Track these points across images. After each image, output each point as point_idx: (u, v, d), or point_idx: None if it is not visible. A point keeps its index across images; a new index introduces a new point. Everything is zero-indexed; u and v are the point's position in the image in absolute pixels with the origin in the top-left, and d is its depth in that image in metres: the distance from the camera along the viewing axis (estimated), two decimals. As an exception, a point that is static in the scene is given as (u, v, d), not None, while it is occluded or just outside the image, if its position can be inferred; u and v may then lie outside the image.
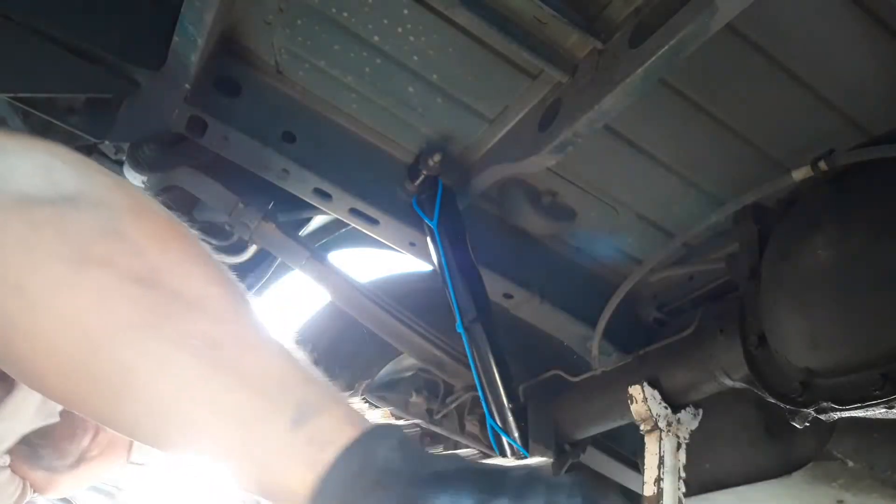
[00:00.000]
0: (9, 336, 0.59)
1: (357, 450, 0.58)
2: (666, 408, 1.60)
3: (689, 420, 1.61)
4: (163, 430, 0.61)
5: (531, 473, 0.58)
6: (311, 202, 1.71)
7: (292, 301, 2.57)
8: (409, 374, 2.28)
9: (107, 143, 1.70)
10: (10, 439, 1.12)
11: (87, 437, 1.24)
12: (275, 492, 0.60)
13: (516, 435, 1.69)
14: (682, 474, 1.55)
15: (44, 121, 1.63)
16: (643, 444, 1.59)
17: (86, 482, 1.29)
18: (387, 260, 2.37)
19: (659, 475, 1.54)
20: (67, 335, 0.58)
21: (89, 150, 1.87)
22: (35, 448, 1.19)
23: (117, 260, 0.59)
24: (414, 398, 2.23)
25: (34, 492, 1.25)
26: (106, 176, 0.66)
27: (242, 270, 2.11)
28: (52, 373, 0.60)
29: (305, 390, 0.61)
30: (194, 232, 0.68)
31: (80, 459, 1.24)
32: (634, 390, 1.61)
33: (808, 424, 1.36)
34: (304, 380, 0.63)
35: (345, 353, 2.21)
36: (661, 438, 1.57)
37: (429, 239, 1.71)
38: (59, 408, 1.15)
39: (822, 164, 1.40)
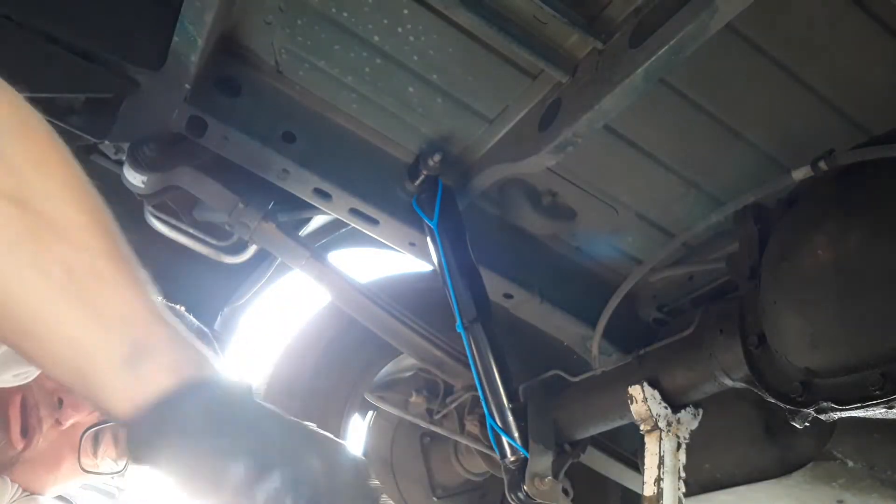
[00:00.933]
0: None
1: (167, 407, 0.65)
2: (666, 408, 1.59)
3: (689, 420, 1.61)
4: (10, 339, 0.65)
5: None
6: (311, 202, 1.71)
7: (292, 301, 2.57)
8: (409, 374, 2.28)
9: (107, 142, 1.70)
10: None
11: (11, 436, 1.21)
12: (103, 411, 0.66)
13: (516, 435, 1.69)
14: (682, 474, 1.55)
15: (44, 121, 1.62)
16: (643, 444, 1.59)
17: (38, 486, 1.27)
18: (387, 260, 2.37)
19: (659, 475, 1.53)
20: None
21: (89, 150, 1.87)
22: None
23: None
24: (414, 398, 2.23)
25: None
26: None
27: (242, 270, 2.11)
28: None
29: (146, 330, 0.66)
30: (73, 157, 0.69)
31: (15, 460, 1.22)
32: (634, 390, 1.61)
33: (808, 424, 1.36)
34: (148, 319, 0.66)
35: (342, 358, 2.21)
36: (661, 438, 1.57)
37: (429, 239, 1.71)
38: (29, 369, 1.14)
39: (822, 164, 1.40)
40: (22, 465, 1.23)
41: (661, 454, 1.55)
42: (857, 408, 1.26)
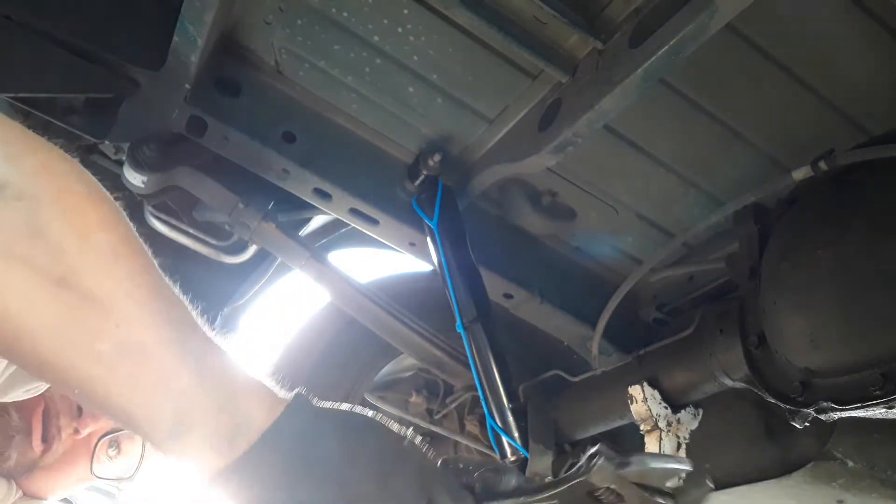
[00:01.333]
0: None
1: (270, 438, 0.67)
2: (666, 408, 1.60)
3: (689, 420, 1.61)
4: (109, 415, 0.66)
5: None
6: (311, 202, 1.71)
7: (292, 301, 2.57)
8: (409, 374, 2.29)
9: (107, 142, 1.70)
10: None
11: (32, 443, 1.23)
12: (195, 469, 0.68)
13: (516, 435, 1.69)
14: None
15: (44, 121, 1.63)
16: (643, 444, 1.59)
17: (48, 491, 1.28)
18: (387, 260, 2.37)
19: (659, 475, 1.53)
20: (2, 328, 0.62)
21: (89, 150, 1.87)
22: None
23: (38, 261, 0.62)
24: (414, 398, 2.23)
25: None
26: (34, 154, 0.67)
27: (242, 270, 2.11)
28: None
29: (188, 402, 0.66)
30: (115, 210, 0.69)
31: (34, 466, 1.23)
32: (634, 390, 1.61)
33: (808, 424, 1.36)
34: (189, 390, 0.66)
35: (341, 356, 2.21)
36: (661, 438, 1.57)
37: (429, 239, 1.71)
38: (38, 384, 1.15)
39: (822, 164, 1.40)
40: (39, 471, 1.25)
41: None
42: (857, 408, 1.26)
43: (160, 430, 0.65)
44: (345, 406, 0.75)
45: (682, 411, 1.61)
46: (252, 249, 1.86)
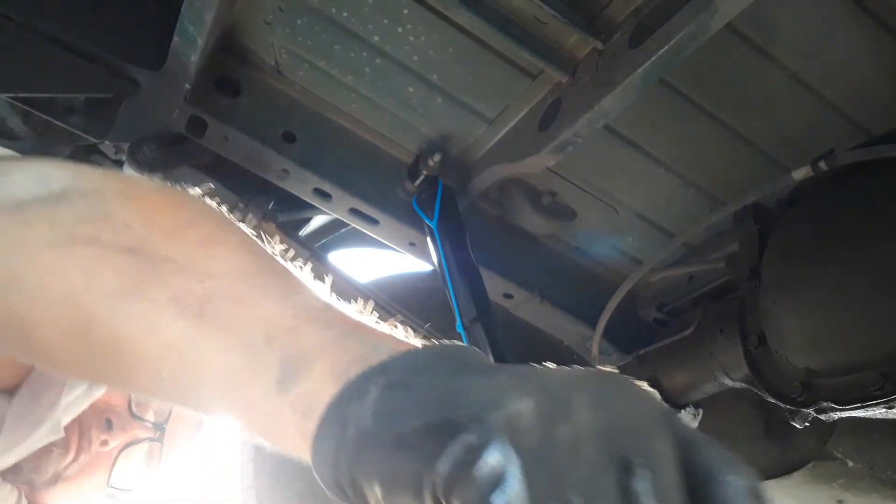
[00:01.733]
0: (15, 326, 0.63)
1: (334, 414, 0.49)
2: (666, 408, 1.60)
3: (689, 420, 1.61)
4: (159, 390, 0.61)
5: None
6: (311, 202, 1.71)
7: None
8: (409, 374, 2.28)
9: (107, 142, 1.70)
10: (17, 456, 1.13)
11: (66, 457, 1.23)
12: (281, 445, 0.56)
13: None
14: (682, 474, 1.55)
15: (44, 121, 1.63)
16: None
17: (60, 497, 1.29)
18: (387, 260, 2.37)
19: (659, 475, 1.53)
20: (62, 314, 0.60)
21: (89, 150, 1.87)
22: (17, 462, 1.19)
23: (103, 237, 0.60)
24: (414, 398, 2.23)
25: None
26: (97, 170, 0.69)
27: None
28: (55, 350, 0.63)
29: (293, 342, 0.54)
30: (189, 196, 0.68)
31: (57, 478, 1.24)
32: (634, 390, 1.61)
33: (808, 424, 1.36)
34: (291, 328, 0.55)
35: None
36: (661, 438, 1.57)
37: (429, 239, 1.71)
38: (63, 424, 1.16)
39: (822, 164, 1.40)
40: (61, 483, 1.25)
41: (661, 454, 1.55)
42: (857, 408, 1.26)
43: (266, 385, 0.53)
44: None
45: (682, 411, 1.61)
46: (252, 249, 1.86)
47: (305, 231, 2.07)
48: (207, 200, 0.70)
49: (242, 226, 0.66)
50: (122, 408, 1.27)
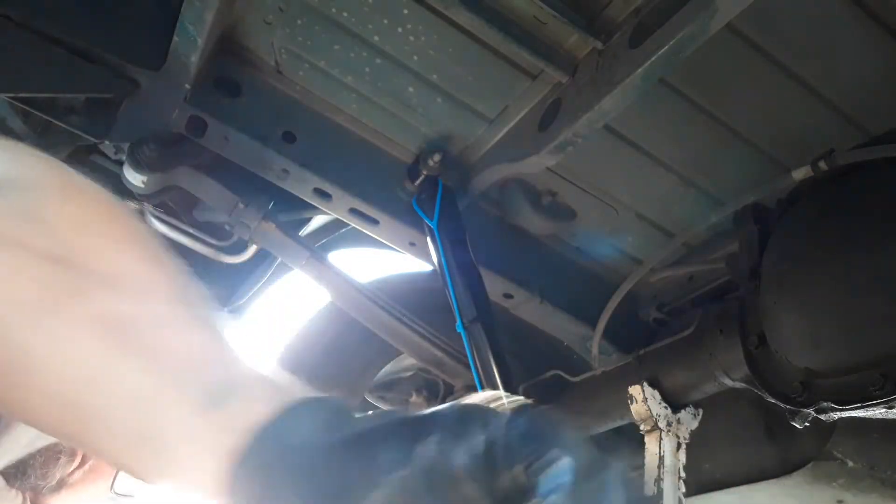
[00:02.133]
0: None
1: (273, 432, 0.52)
2: (666, 408, 1.59)
3: (689, 420, 1.61)
4: (63, 420, 0.56)
5: (465, 410, 0.54)
6: (311, 202, 1.71)
7: (292, 301, 2.57)
8: (409, 374, 2.29)
9: (107, 143, 1.70)
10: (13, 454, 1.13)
11: (72, 463, 1.23)
12: (185, 485, 0.55)
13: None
14: (682, 474, 1.55)
15: (44, 121, 1.63)
16: (643, 444, 1.59)
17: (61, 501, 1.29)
18: (387, 260, 2.37)
19: (659, 475, 1.53)
20: None
21: (89, 150, 1.87)
22: (24, 466, 1.19)
23: (28, 240, 0.56)
24: (414, 398, 2.23)
25: None
26: (40, 161, 0.64)
27: (242, 270, 2.11)
28: None
29: (221, 370, 0.56)
30: (133, 213, 0.66)
31: (62, 484, 1.24)
32: (634, 390, 1.61)
33: (808, 424, 1.36)
34: (220, 358, 0.57)
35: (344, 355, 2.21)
36: (661, 438, 1.57)
37: (429, 239, 1.71)
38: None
39: (822, 164, 1.40)
40: (65, 489, 1.25)
41: (661, 454, 1.55)
42: (857, 408, 1.26)
43: (190, 408, 0.54)
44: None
45: (682, 411, 1.61)
46: (252, 249, 1.86)
47: (305, 231, 2.07)
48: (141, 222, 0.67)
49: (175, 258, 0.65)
50: None
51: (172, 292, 0.60)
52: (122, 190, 1.75)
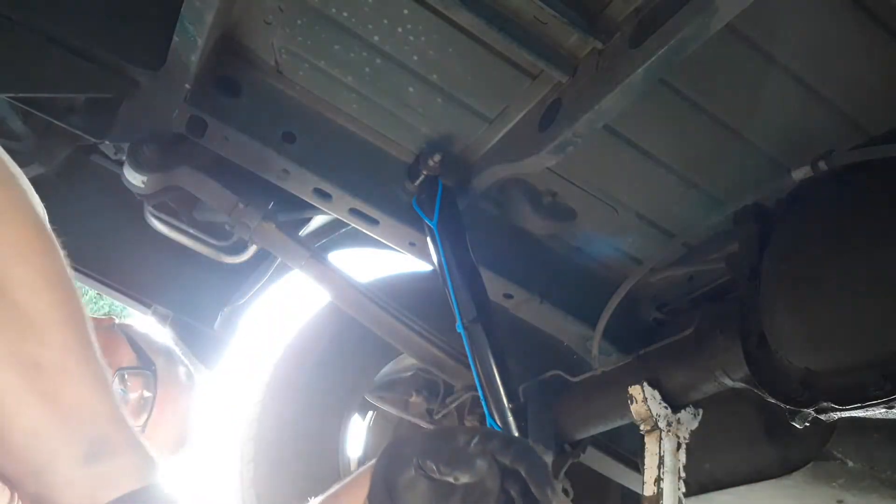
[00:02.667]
0: None
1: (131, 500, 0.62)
2: (666, 408, 1.59)
3: (689, 420, 1.61)
4: None
5: None
6: (311, 202, 1.71)
7: (292, 301, 2.57)
8: (409, 374, 2.29)
9: (107, 142, 1.70)
10: None
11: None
12: None
13: (516, 435, 1.69)
14: (682, 474, 1.55)
15: (44, 121, 1.63)
16: (643, 444, 1.59)
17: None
18: (387, 260, 2.37)
19: (659, 475, 1.54)
20: None
21: (89, 150, 1.87)
22: None
23: None
24: (414, 398, 2.23)
25: None
26: None
27: (242, 270, 2.11)
28: None
29: (108, 429, 0.64)
30: (56, 245, 0.67)
31: None
32: (634, 390, 1.61)
33: (808, 424, 1.36)
34: (111, 418, 0.64)
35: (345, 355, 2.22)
36: (661, 438, 1.57)
37: (429, 239, 1.71)
38: None
39: (822, 164, 1.40)
40: None
41: (661, 454, 1.55)
42: (857, 408, 1.26)
43: (74, 456, 0.62)
44: None
45: (682, 411, 1.61)
46: (252, 249, 1.86)
47: (305, 231, 2.07)
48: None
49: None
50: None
51: (79, 341, 0.64)
52: (122, 190, 1.75)
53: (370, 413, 2.40)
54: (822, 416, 1.32)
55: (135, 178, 1.65)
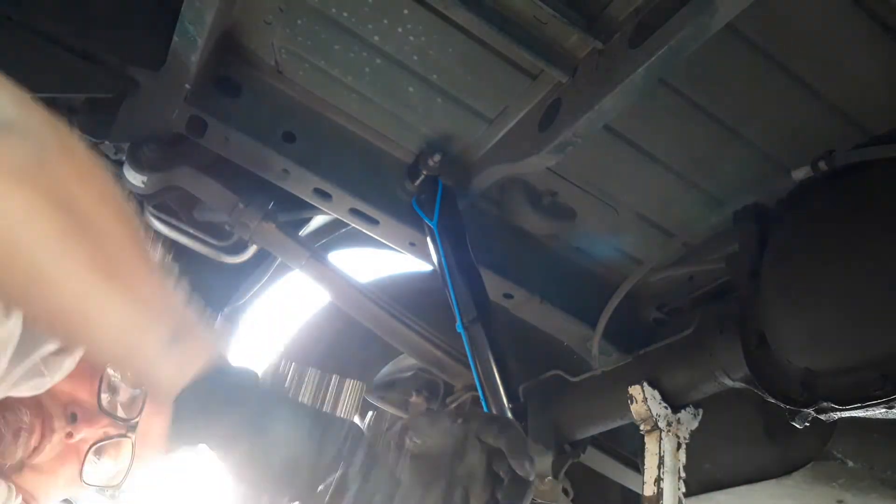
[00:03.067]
0: None
1: (213, 373, 0.78)
2: (666, 408, 1.60)
3: (689, 420, 1.61)
4: (69, 327, 0.75)
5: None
6: (311, 202, 1.71)
7: (292, 301, 2.57)
8: (409, 374, 2.28)
9: (107, 142, 1.70)
10: None
11: (31, 441, 1.22)
12: (147, 385, 0.82)
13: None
14: (682, 474, 1.55)
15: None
16: (643, 444, 1.59)
17: (36, 492, 1.28)
18: (387, 260, 2.37)
19: (659, 475, 1.54)
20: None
21: (89, 150, 1.86)
22: None
23: (40, 183, 0.69)
24: (414, 398, 2.23)
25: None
26: (42, 112, 0.73)
27: (242, 270, 2.11)
28: None
29: (181, 317, 0.79)
30: (112, 177, 0.78)
31: (23, 466, 1.23)
32: (634, 390, 1.61)
33: (808, 424, 1.36)
34: (181, 309, 0.79)
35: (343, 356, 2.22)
36: (661, 438, 1.57)
37: (429, 239, 1.71)
38: (48, 382, 1.15)
39: (822, 164, 1.40)
40: (27, 470, 1.25)
41: (661, 454, 1.55)
42: (857, 408, 1.26)
43: (158, 341, 0.75)
44: None
45: (682, 411, 1.61)
46: (252, 249, 1.86)
47: (305, 231, 2.06)
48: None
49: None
50: (89, 402, 1.26)
51: (143, 247, 0.78)
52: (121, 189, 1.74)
53: (370, 413, 2.39)
54: (822, 416, 1.32)
55: (135, 178, 1.65)
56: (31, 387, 1.13)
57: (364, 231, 1.77)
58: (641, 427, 1.61)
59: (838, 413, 1.29)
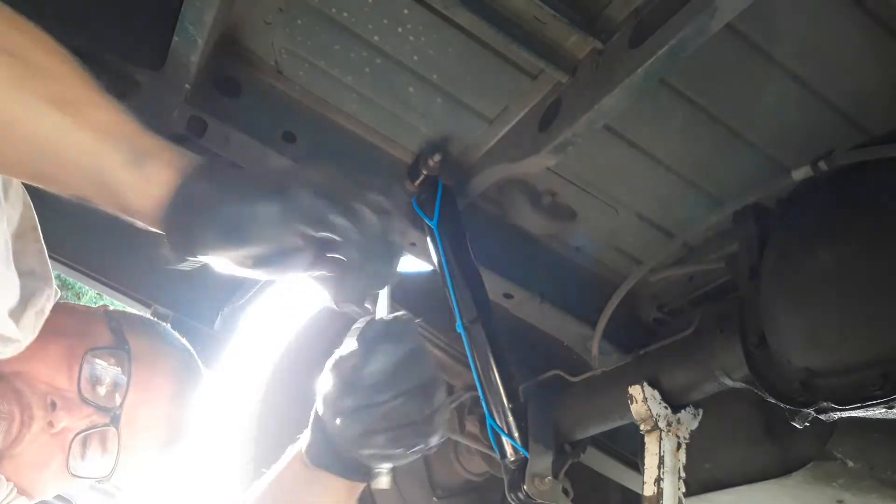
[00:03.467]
0: None
1: (184, 191, 0.81)
2: (666, 408, 1.59)
3: (689, 420, 1.61)
4: (36, 165, 0.81)
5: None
6: (311, 202, 1.71)
7: (292, 301, 2.57)
8: (409, 374, 2.28)
9: (107, 143, 1.70)
10: None
11: (12, 430, 1.20)
12: (129, 212, 0.82)
13: (516, 435, 1.69)
14: (682, 474, 1.55)
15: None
16: (643, 444, 1.59)
17: (23, 483, 1.26)
18: (387, 260, 2.36)
19: (659, 475, 1.54)
20: None
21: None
22: None
23: None
24: (414, 398, 2.22)
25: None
26: None
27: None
28: None
29: (141, 139, 0.81)
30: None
31: (2, 455, 1.21)
32: (634, 390, 1.61)
33: (808, 424, 1.36)
34: (139, 131, 0.82)
35: None
36: (661, 438, 1.57)
37: (429, 239, 1.71)
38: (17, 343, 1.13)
39: (822, 164, 1.40)
40: (8, 461, 1.23)
41: (661, 454, 1.55)
42: (857, 408, 1.26)
43: (120, 162, 0.79)
44: None
45: (682, 411, 1.61)
46: (252, 249, 1.85)
47: (305, 231, 2.06)
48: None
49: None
50: (69, 391, 1.23)
51: (92, 83, 0.82)
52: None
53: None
54: (822, 416, 1.32)
55: (135, 178, 1.65)
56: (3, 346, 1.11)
57: (364, 231, 1.77)
58: (641, 427, 1.61)
59: (838, 413, 1.29)
